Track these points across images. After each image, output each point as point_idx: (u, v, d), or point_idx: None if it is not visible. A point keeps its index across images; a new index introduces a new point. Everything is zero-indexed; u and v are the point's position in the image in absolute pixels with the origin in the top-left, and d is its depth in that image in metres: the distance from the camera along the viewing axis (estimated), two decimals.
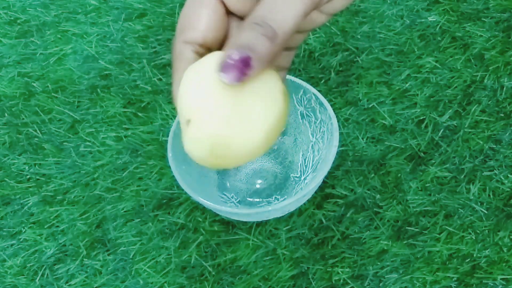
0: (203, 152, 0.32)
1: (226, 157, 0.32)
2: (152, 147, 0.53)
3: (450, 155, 0.50)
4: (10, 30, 0.64)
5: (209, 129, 0.31)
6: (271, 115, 0.32)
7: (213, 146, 0.31)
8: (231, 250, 0.46)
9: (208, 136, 0.31)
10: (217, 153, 0.32)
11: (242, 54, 0.29)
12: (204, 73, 0.31)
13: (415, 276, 0.43)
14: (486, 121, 0.51)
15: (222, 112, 0.31)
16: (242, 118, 0.31)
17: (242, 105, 0.31)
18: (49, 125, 0.56)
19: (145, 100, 0.56)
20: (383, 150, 0.51)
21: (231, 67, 0.29)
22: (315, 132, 0.48)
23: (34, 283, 0.46)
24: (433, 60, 0.56)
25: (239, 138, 0.31)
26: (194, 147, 0.32)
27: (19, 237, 0.49)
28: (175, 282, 0.45)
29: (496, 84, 0.54)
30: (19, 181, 0.52)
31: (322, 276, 0.44)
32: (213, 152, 0.32)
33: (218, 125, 0.31)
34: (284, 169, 0.50)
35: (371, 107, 0.53)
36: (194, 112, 0.31)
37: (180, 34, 0.32)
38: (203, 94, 0.31)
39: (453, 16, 0.59)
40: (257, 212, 0.43)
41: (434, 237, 0.45)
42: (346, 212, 0.47)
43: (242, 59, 0.29)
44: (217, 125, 0.31)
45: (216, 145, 0.31)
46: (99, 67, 0.60)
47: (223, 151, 0.32)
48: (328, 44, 0.59)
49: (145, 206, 0.49)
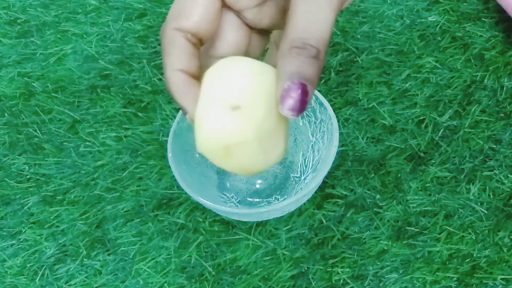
0: (247, 137, 0.30)
1: (238, 159, 0.31)
2: (152, 147, 0.53)
3: (450, 155, 0.50)
4: (10, 30, 0.64)
5: (259, 119, 0.30)
6: (282, 150, 0.33)
7: (259, 139, 0.31)
8: (231, 250, 0.46)
9: (255, 128, 0.30)
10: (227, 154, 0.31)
11: (300, 85, 0.29)
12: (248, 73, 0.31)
13: (415, 276, 0.43)
14: (486, 121, 0.51)
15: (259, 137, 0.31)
16: (266, 148, 0.31)
17: (271, 136, 0.31)
18: (49, 125, 0.56)
19: (145, 100, 0.56)
20: (383, 150, 0.51)
21: (293, 101, 0.29)
22: (315, 132, 0.48)
23: (34, 283, 0.46)
24: (433, 60, 0.56)
25: (255, 165, 0.32)
26: (235, 136, 0.30)
27: (19, 237, 0.49)
28: (175, 282, 0.45)
29: (496, 84, 0.54)
30: (19, 181, 0.52)
31: (322, 276, 0.44)
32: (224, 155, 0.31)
33: (264, 125, 0.30)
34: (284, 169, 0.50)
35: (371, 107, 0.53)
36: (247, 100, 0.30)
37: (172, 21, 0.32)
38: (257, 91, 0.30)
39: (453, 16, 0.59)
40: (257, 212, 0.43)
41: (434, 237, 0.45)
42: (346, 212, 0.47)
43: (302, 90, 0.29)
44: (263, 124, 0.30)
45: (258, 143, 0.31)
46: (99, 67, 0.60)
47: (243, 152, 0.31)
48: (328, 44, 0.59)
49: (145, 206, 0.49)
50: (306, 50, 0.29)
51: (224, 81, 0.31)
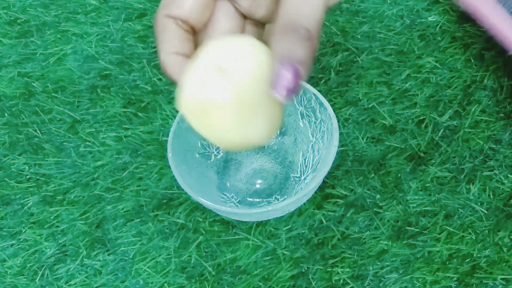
0: (224, 98, 0.30)
1: (213, 123, 0.31)
2: (152, 147, 0.53)
3: (450, 155, 0.50)
4: (10, 30, 0.64)
5: (240, 85, 0.30)
6: (268, 133, 0.32)
7: (239, 106, 0.30)
8: (231, 250, 0.46)
9: (236, 92, 0.30)
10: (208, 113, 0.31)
11: (292, 68, 0.29)
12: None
13: (415, 276, 0.43)
14: (486, 121, 0.51)
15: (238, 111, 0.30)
16: (247, 127, 0.31)
17: (255, 115, 0.31)
18: (49, 125, 0.56)
19: (145, 100, 0.56)
20: (383, 150, 0.51)
21: (285, 84, 0.29)
22: (315, 132, 0.48)
23: (34, 283, 0.46)
24: (433, 60, 0.56)
25: (236, 140, 0.31)
26: (213, 94, 0.30)
27: (19, 237, 0.49)
28: (175, 282, 0.45)
29: (496, 84, 0.54)
30: (19, 181, 0.52)
31: (322, 276, 0.44)
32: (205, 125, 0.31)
33: (246, 89, 0.30)
34: (284, 169, 0.50)
35: (371, 107, 0.53)
36: (232, 64, 0.30)
37: (164, 8, 0.32)
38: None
39: (453, 16, 0.59)
40: (257, 212, 0.43)
41: (434, 237, 0.45)
42: (346, 212, 0.47)
43: (294, 72, 0.29)
44: (246, 88, 0.30)
45: (239, 105, 0.30)
46: (99, 67, 0.60)
47: (216, 135, 0.31)
48: (328, 44, 0.59)
49: (145, 206, 0.49)
50: (298, 32, 0.29)
51: (218, 48, 0.31)
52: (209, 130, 0.32)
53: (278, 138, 0.51)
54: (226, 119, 0.30)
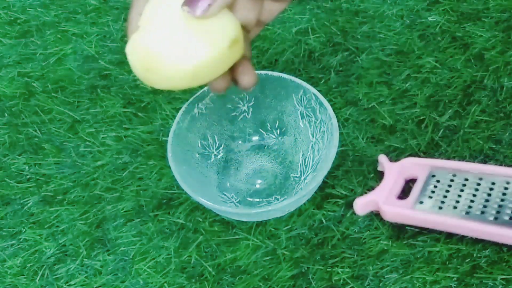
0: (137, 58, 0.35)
1: (152, 72, 0.35)
2: (152, 147, 0.53)
3: (450, 155, 0.50)
4: (10, 30, 0.64)
5: (149, 39, 0.34)
6: (205, 54, 0.34)
7: (146, 56, 0.34)
8: (231, 250, 0.46)
9: (146, 45, 0.34)
10: (146, 64, 0.35)
11: None
12: None
13: (415, 276, 0.43)
14: (486, 121, 0.51)
15: (168, 32, 0.34)
16: (179, 45, 0.34)
17: (186, 35, 0.34)
18: (49, 125, 0.56)
19: (145, 100, 0.56)
20: (383, 150, 0.51)
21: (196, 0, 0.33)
22: (315, 132, 0.48)
23: (34, 283, 0.46)
24: (433, 60, 0.56)
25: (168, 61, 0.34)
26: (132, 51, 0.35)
27: (19, 237, 0.49)
28: (175, 282, 0.45)
29: (496, 84, 0.54)
30: (19, 181, 0.52)
31: (322, 276, 0.44)
32: (144, 62, 0.35)
33: (158, 40, 0.34)
34: (284, 169, 0.50)
35: (371, 107, 0.53)
36: (146, 21, 0.35)
37: None
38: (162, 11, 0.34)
39: (453, 16, 0.59)
40: (257, 212, 0.43)
41: (434, 237, 0.45)
42: (346, 212, 0.47)
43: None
44: (156, 39, 0.34)
45: (148, 57, 0.34)
46: (99, 67, 0.60)
47: (151, 65, 0.34)
48: (328, 44, 0.59)
49: (145, 206, 0.49)
50: None
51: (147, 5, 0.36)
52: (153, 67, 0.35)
53: (278, 138, 0.51)
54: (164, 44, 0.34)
